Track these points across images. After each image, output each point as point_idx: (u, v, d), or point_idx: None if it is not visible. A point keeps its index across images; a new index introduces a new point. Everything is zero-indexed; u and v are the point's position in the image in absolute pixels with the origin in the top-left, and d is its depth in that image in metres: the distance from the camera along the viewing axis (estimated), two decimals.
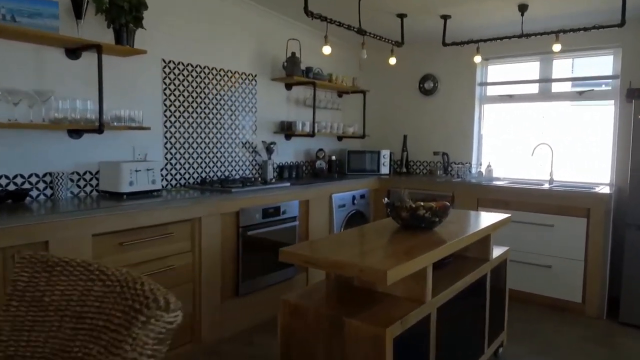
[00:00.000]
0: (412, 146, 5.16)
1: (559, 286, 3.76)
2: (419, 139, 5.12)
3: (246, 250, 3.27)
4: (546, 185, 4.06)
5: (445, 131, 4.94)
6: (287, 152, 4.54)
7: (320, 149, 4.66)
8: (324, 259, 1.81)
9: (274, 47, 4.27)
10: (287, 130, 4.36)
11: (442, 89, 4.93)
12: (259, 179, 3.86)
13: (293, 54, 4.18)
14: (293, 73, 4.15)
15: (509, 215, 2.85)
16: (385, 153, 4.95)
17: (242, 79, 3.99)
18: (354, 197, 4.32)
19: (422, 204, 2.36)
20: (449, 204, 2.42)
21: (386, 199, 2.48)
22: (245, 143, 4.07)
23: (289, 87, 4.48)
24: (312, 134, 4.36)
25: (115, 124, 2.98)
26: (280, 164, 4.42)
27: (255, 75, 4.12)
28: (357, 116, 5.28)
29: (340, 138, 5.21)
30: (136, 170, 2.94)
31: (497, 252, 2.83)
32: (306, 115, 4.64)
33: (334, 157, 4.84)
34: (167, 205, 2.78)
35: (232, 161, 3.95)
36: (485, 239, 2.62)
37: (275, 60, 4.29)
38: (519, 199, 3.89)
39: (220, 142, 3.84)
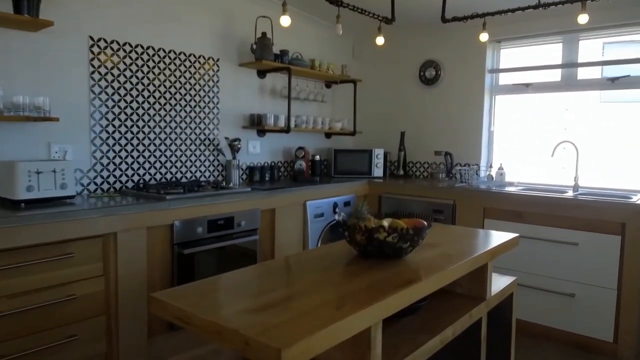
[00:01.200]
0: (411, 145, 4.44)
1: (585, 320, 3.00)
2: (419, 137, 4.40)
3: (183, 272, 2.62)
4: (569, 193, 3.30)
5: (449, 127, 4.21)
6: (261, 151, 3.87)
7: (300, 147, 3.98)
8: (198, 319, 1.14)
9: (243, 27, 3.62)
10: (257, 124, 3.69)
11: (446, 77, 4.19)
12: (211, 183, 3.18)
13: (263, 34, 3.52)
14: (262, 57, 3.49)
15: (516, 235, 2.13)
16: (378, 152, 4.24)
17: (199, 63, 3.34)
18: (335, 205, 3.63)
19: (385, 223, 1.67)
20: (425, 222, 1.72)
21: (342, 214, 1.80)
22: (205, 140, 3.43)
23: (262, 74, 3.81)
24: (286, 130, 3.68)
25: (12, 113, 2.37)
26: (251, 165, 3.77)
27: (218, 60, 3.47)
28: (348, 110, 4.59)
29: (328, 135, 4.53)
30: (37, 172, 2.32)
31: (499, 283, 2.11)
32: (285, 107, 3.97)
33: (317, 157, 4.16)
34: (67, 217, 2.14)
35: (187, 161, 3.31)
36: (480, 271, 1.90)
37: (243, 42, 3.63)
38: (536, 210, 3.14)
39: (171, 139, 3.21)
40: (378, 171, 4.25)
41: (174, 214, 2.57)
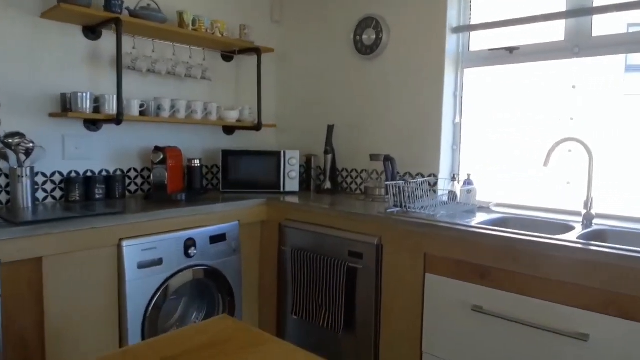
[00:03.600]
0: (343, 144, 3.03)
1: None
2: (354, 132, 2.99)
3: None
4: (576, 232, 1.87)
5: (394, 119, 2.79)
6: (94, 153, 2.51)
7: (158, 149, 2.59)
8: None
9: None
10: (69, 109, 2.32)
11: (392, 43, 2.78)
12: None
13: None
14: None
15: None
16: (292, 156, 2.85)
17: None
18: (191, 243, 2.23)
19: None
20: None
21: None
22: None
23: (92, 32, 2.44)
24: (116, 120, 2.31)
25: None
26: (71, 176, 2.40)
27: None
28: (265, 93, 3.23)
29: (230, 130, 3.14)
30: None
31: None
32: (142, 86, 2.62)
33: (197, 162, 2.77)
34: None
35: None
36: None
37: None
38: (514, 266, 1.72)
39: None
40: (292, 184, 2.86)
41: None
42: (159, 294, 2.09)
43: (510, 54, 2.43)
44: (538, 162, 2.34)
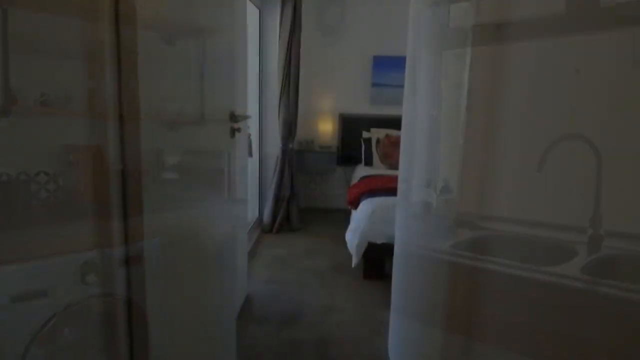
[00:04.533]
0: (305, 140, 2.57)
1: None
2: (316, 125, 2.53)
3: None
4: (580, 257, 1.41)
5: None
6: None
7: (69, 148, 2.13)
8: None
9: None
10: None
11: (354, 23, 2.32)
12: None
13: None
14: None
15: None
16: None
17: None
18: (89, 267, 1.76)
19: None
20: None
21: None
22: None
23: None
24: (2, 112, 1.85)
25: None
26: None
27: None
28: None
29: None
30: None
31: None
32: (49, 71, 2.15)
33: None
34: None
35: None
36: None
37: None
38: (496, 309, 1.26)
39: None
40: None
41: None
42: (42, 334, 1.62)
43: (499, 31, 1.97)
44: (532, 164, 1.88)
